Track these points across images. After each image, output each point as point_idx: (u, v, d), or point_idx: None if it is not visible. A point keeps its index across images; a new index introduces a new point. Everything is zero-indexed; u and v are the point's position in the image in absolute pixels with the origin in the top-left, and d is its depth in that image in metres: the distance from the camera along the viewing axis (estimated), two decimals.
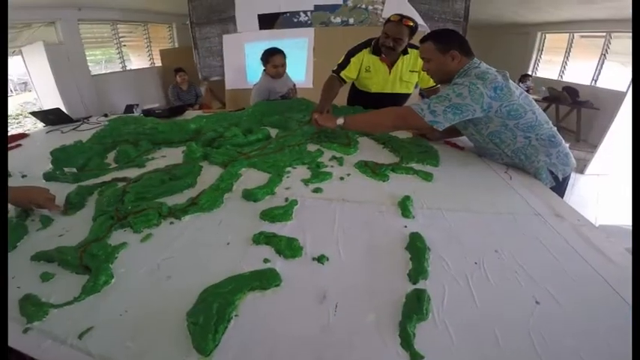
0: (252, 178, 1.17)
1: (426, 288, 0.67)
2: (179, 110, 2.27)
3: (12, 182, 1.32)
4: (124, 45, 5.42)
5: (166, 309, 0.62)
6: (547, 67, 6.16)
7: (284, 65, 2.10)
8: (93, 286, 0.68)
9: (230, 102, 4.41)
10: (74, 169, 1.36)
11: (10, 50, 4.38)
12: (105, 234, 0.88)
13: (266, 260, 0.76)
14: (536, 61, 6.33)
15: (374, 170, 1.16)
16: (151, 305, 0.64)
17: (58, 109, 2.33)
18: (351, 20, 3.87)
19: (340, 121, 1.32)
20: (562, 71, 5.79)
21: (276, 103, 1.95)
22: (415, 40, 1.92)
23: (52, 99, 4.39)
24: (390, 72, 1.96)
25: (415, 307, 0.62)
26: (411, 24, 1.76)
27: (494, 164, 1.32)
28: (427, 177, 1.15)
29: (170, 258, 0.77)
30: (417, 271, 0.71)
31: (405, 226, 0.88)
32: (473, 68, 1.20)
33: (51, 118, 2.24)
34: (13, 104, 7.25)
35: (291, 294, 0.67)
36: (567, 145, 1.26)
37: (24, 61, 4.44)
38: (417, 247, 0.77)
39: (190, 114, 2.25)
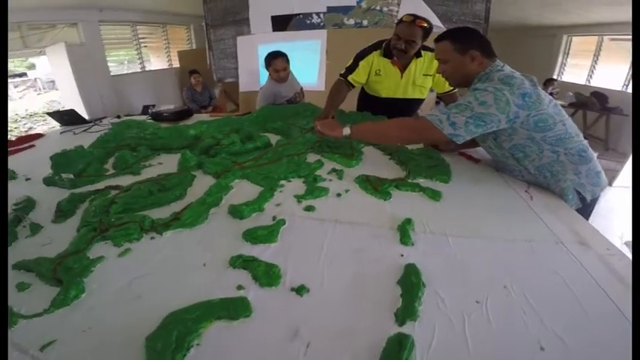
0: (243, 191, 1.09)
1: (412, 332, 0.57)
2: (186, 113, 2.23)
3: (16, 184, 1.31)
4: (145, 46, 5.51)
5: (129, 330, 0.59)
6: (573, 72, 5.83)
7: (286, 69, 2.02)
8: (63, 299, 0.66)
9: (243, 104, 4.38)
10: (71, 175, 1.33)
11: (36, 50, 4.53)
12: (85, 246, 0.84)
13: (240, 287, 0.68)
14: (561, 64, 6.00)
15: (375, 186, 1.05)
16: (116, 324, 0.61)
17: (72, 110, 2.36)
18: (365, 22, 3.76)
19: (347, 131, 1.19)
20: (590, 75, 5.46)
21: (281, 108, 1.87)
22: (430, 42, 1.81)
23: (73, 99, 4.49)
24: (401, 76, 1.84)
25: (394, 354, 0.52)
26: (425, 25, 1.64)
27: (514, 181, 1.17)
28: (435, 196, 1.03)
29: (144, 276, 0.74)
30: (406, 312, 0.61)
31: (402, 255, 0.77)
32: (496, 71, 1.06)
33: (66, 118, 2.27)
34: (41, 102, 7.54)
35: (261, 327, 0.60)
36: (598, 161, 1.11)
37: (49, 61, 4.56)
38: (410, 282, 0.66)
39: (198, 117, 2.21)
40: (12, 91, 8.00)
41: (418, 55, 1.80)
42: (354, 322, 0.61)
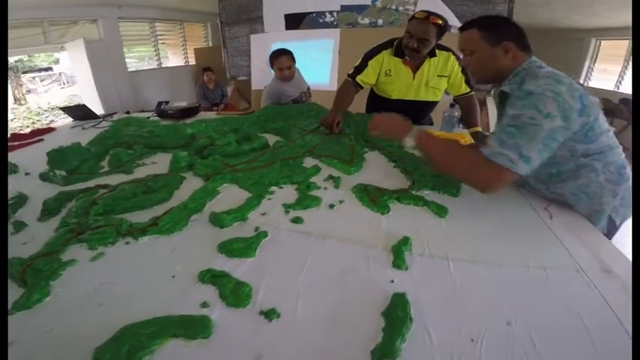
0: (230, 196, 1.01)
1: None
2: (191, 111, 2.18)
3: (15, 179, 1.31)
4: (163, 43, 5.56)
5: (84, 339, 0.55)
6: (601, 77, 5.49)
7: (291, 67, 1.93)
8: (25, 302, 0.65)
9: (256, 102, 4.34)
10: (64, 172, 1.31)
11: (57, 46, 4.64)
12: (60, 248, 0.81)
13: (204, 305, 0.61)
14: (589, 69, 5.68)
15: (373, 198, 0.95)
16: (72, 331, 0.59)
17: (83, 105, 2.38)
18: (380, 21, 3.64)
19: (412, 136, 0.99)
20: (619, 82, 5.14)
21: (284, 108, 1.78)
22: (446, 42, 1.69)
23: (91, 93, 4.57)
24: (413, 77, 1.72)
25: None
26: (440, 22, 1.52)
27: (532, 196, 1.03)
28: (440, 212, 0.92)
29: (111, 283, 0.69)
30: (384, 351, 0.51)
31: (392, 281, 0.67)
32: (536, 67, 0.89)
33: (78, 114, 2.30)
34: (63, 96, 7.76)
35: (219, 350, 0.54)
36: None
37: (69, 56, 4.66)
38: (395, 316, 0.57)
39: (205, 115, 2.16)
40: (38, 85, 8.29)
41: (432, 54, 1.68)
42: (324, 357, 0.52)
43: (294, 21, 3.98)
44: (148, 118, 2.14)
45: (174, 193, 1.08)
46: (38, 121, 5.96)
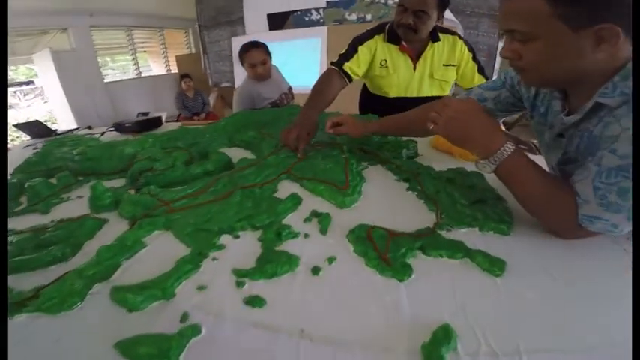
0: (160, 252, 0.62)
1: None
2: (153, 123, 1.78)
3: None
4: (144, 51, 5.15)
5: None
6: None
7: (266, 63, 1.54)
8: None
9: None
10: None
11: (25, 58, 4.20)
12: None
13: None
14: None
15: (384, 255, 0.56)
16: None
17: (37, 122, 2.01)
18: (369, 16, 3.29)
19: (486, 164, 0.61)
20: None
21: (259, 113, 1.39)
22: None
23: (63, 107, 4.15)
24: (414, 67, 1.36)
25: None
26: None
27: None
28: (493, 266, 0.53)
29: None
30: None
31: None
32: None
33: (35, 131, 1.91)
34: (43, 111, 7.27)
35: None
36: None
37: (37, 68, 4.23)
38: None
39: (168, 127, 1.76)
40: (20, 100, 7.78)
41: (435, 38, 1.31)
42: None
43: (278, 21, 3.62)
44: (103, 134, 1.74)
45: (85, 245, 0.69)
46: (12, 141, 5.50)
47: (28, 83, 8.52)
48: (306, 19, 3.47)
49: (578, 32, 0.50)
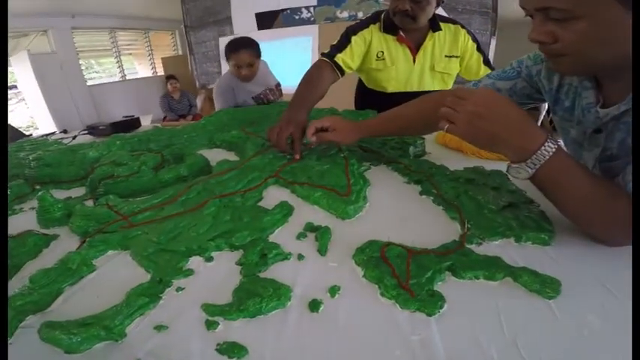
0: (114, 276, 0.46)
1: None
2: (130, 125, 1.62)
3: None
4: (130, 53, 4.94)
5: None
6: None
7: (253, 65, 1.40)
8: None
9: None
10: None
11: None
12: None
13: None
14: None
15: (406, 285, 0.41)
16: None
17: (9, 125, 1.83)
18: (361, 14, 3.19)
19: (524, 169, 0.47)
20: None
21: (244, 111, 1.23)
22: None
23: (43, 111, 3.91)
24: (414, 59, 1.23)
25: None
26: None
27: None
28: (546, 289, 0.40)
29: None
30: None
31: None
32: None
33: (9, 135, 1.73)
34: (26, 116, 6.96)
35: None
36: None
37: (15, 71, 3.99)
38: None
39: (146, 128, 1.60)
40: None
41: (435, 27, 1.20)
42: None
43: (267, 20, 3.48)
44: (74, 137, 1.57)
45: (25, 266, 0.54)
46: None
47: (10, 88, 8.20)
48: (297, 17, 3.33)
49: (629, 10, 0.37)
